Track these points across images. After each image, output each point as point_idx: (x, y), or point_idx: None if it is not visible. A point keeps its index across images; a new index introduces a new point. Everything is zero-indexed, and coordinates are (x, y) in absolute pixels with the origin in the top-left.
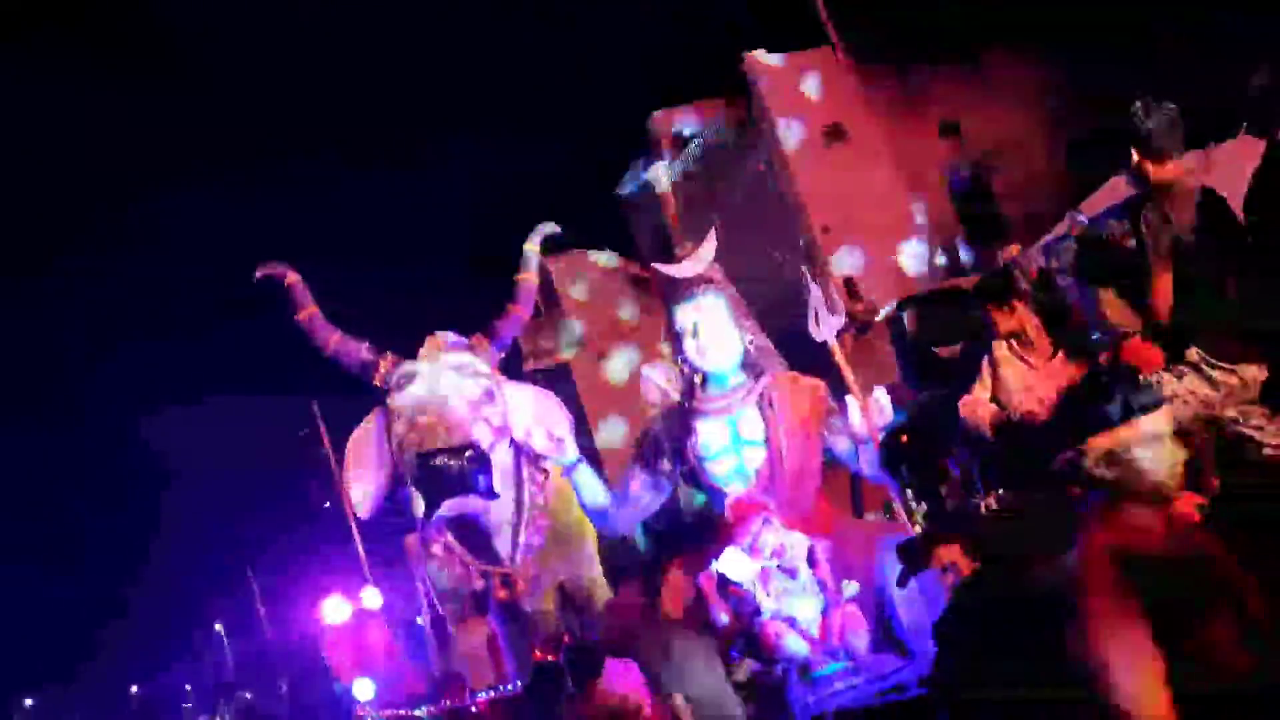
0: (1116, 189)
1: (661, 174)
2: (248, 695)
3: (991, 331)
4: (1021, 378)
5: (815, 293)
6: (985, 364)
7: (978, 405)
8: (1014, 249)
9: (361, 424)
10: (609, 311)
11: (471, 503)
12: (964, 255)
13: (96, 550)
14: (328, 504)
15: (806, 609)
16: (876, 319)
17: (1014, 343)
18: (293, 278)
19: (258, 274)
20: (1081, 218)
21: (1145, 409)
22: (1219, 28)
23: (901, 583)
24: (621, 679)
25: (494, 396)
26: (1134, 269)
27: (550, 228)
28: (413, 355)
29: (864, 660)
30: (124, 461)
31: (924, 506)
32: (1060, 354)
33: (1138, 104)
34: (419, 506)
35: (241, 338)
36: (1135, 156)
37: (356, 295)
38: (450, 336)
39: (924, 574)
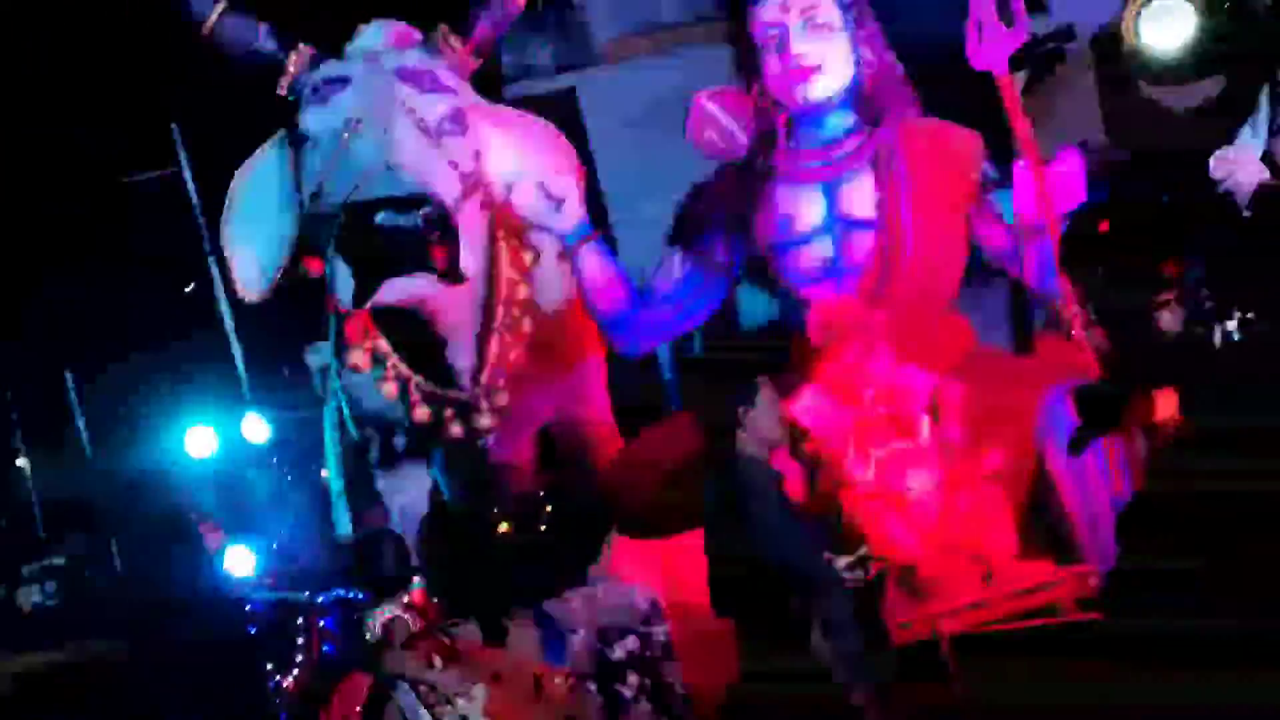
0: None
1: None
2: (59, 561)
3: None
4: None
5: None
6: (1264, 99)
7: (1241, 162)
8: None
9: (253, 155)
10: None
11: (421, 288)
12: None
13: None
14: (192, 284)
15: (922, 484)
16: (1072, 42)
17: None
18: None
19: None
20: None
21: None
22: None
23: (1076, 449)
24: (637, 567)
25: (464, 124)
26: None
27: None
28: (339, 52)
29: (1002, 565)
30: None
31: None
32: None
33: None
34: (344, 288)
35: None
36: None
37: None
38: (399, 26)
39: (1113, 438)
